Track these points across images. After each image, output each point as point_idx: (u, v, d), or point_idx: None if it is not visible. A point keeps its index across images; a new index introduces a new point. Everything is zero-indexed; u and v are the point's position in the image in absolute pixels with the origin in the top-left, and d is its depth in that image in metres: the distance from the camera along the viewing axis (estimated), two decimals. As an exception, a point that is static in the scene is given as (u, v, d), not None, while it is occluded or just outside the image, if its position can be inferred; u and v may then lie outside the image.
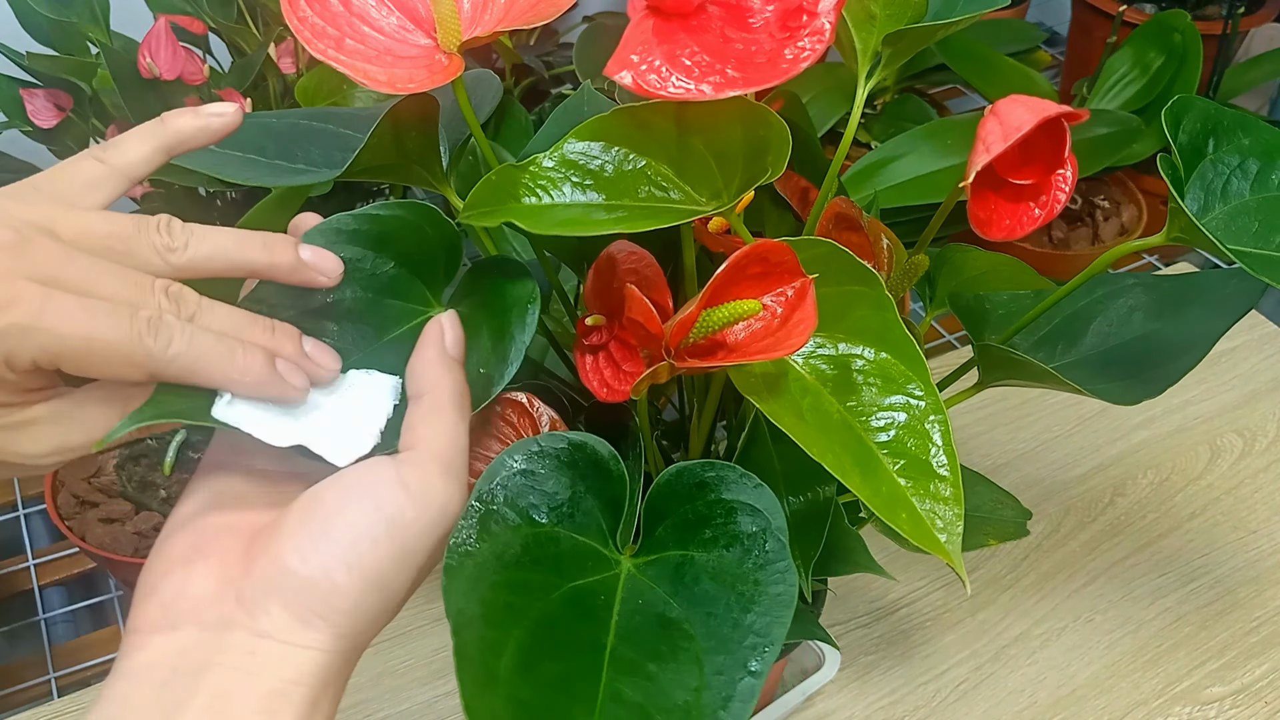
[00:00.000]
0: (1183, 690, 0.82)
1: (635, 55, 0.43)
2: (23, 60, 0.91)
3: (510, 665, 0.38)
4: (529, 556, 0.42)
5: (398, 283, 0.48)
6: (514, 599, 0.40)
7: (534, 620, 0.40)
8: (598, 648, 0.40)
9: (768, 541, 0.42)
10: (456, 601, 0.39)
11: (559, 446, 0.44)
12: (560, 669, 0.39)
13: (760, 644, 0.39)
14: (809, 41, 0.42)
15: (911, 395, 0.42)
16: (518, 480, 0.43)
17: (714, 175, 0.45)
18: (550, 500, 0.43)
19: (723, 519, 0.43)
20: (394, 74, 0.45)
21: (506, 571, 0.41)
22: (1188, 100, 0.48)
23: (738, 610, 0.40)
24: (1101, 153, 1.20)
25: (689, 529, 0.43)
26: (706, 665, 0.39)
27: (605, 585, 0.42)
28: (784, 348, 0.40)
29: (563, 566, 0.42)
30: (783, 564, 0.41)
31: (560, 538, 0.43)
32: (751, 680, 0.39)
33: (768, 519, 0.42)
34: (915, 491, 0.40)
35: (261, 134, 0.54)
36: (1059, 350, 0.60)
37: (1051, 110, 0.45)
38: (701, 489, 0.44)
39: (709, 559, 0.42)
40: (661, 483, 0.45)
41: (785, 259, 0.41)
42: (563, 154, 0.46)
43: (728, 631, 0.40)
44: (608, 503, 0.44)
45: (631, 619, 0.41)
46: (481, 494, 0.42)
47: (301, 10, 0.46)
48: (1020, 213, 0.48)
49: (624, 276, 0.50)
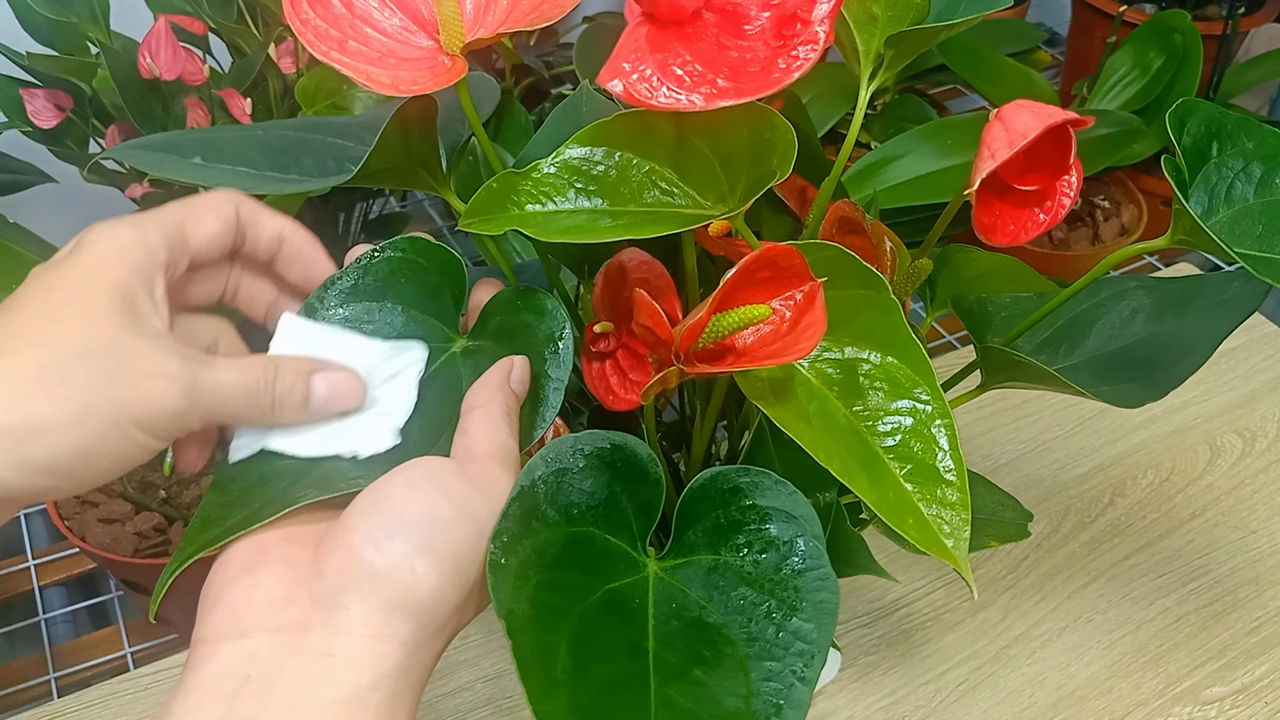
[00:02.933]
0: (1183, 690, 0.82)
1: (627, 64, 0.43)
2: (23, 60, 0.91)
3: (566, 669, 0.38)
4: (568, 556, 0.41)
5: (411, 327, 0.48)
6: (558, 600, 0.40)
7: (577, 622, 0.40)
8: (640, 652, 0.40)
9: (805, 548, 0.42)
10: (506, 601, 0.39)
11: (599, 445, 0.44)
12: (609, 673, 0.39)
13: (808, 650, 0.40)
14: (803, 50, 0.42)
15: (918, 400, 0.42)
16: (556, 477, 0.43)
17: (718, 179, 0.45)
18: (588, 499, 0.43)
19: (756, 525, 0.43)
20: (397, 76, 0.45)
21: (548, 571, 0.40)
22: (1192, 103, 0.48)
23: (780, 617, 0.40)
24: (1102, 153, 1.20)
25: (721, 534, 0.43)
26: (753, 672, 0.39)
27: (637, 588, 0.42)
28: (793, 352, 0.40)
29: (598, 567, 0.42)
30: (823, 570, 0.41)
31: (595, 538, 0.42)
32: (802, 688, 0.39)
33: (804, 526, 0.42)
34: (922, 496, 0.40)
35: (249, 146, 0.53)
36: (1062, 352, 0.60)
37: (1058, 117, 0.45)
38: (735, 494, 0.44)
39: (743, 564, 0.42)
40: (694, 487, 0.45)
41: (794, 263, 0.41)
42: (564, 160, 0.46)
43: (772, 638, 0.40)
44: (641, 506, 0.44)
45: (667, 623, 0.41)
46: (523, 489, 0.42)
47: (304, 12, 0.46)
48: (1025, 218, 0.48)
49: (635, 285, 0.50)
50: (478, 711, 0.80)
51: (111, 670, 0.95)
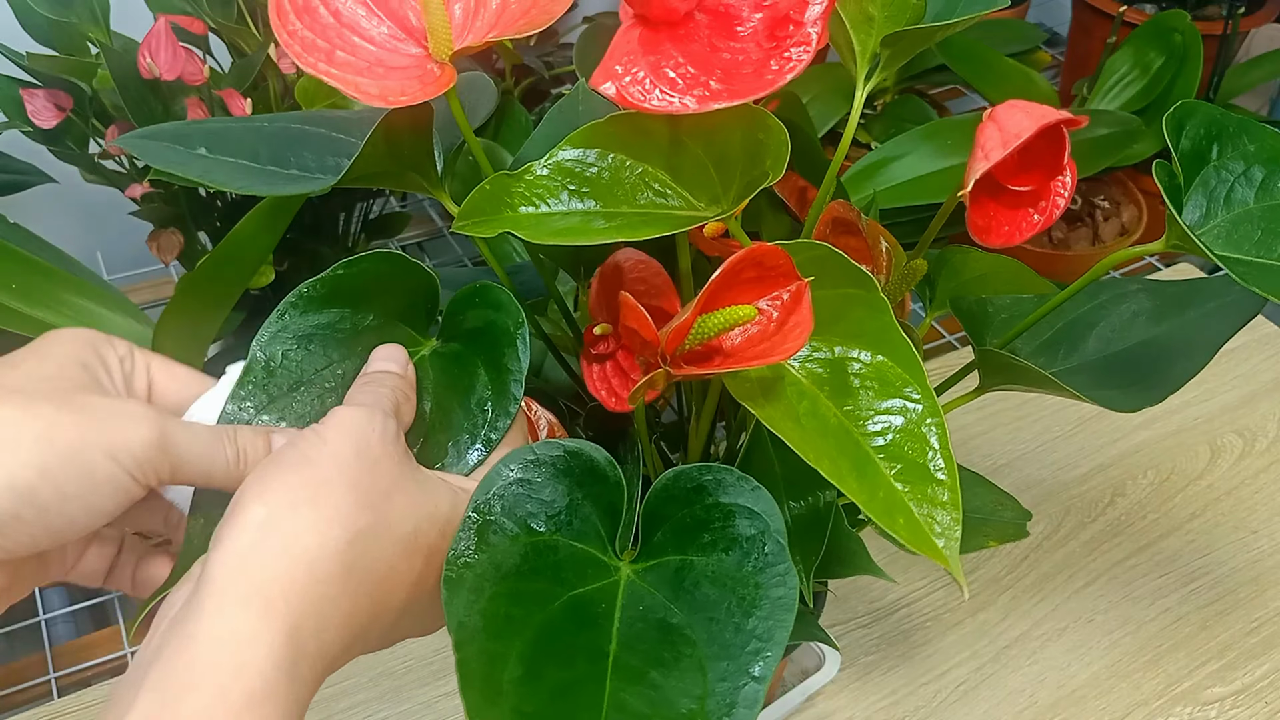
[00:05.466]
0: (1183, 691, 0.82)
1: (619, 66, 0.43)
2: (23, 60, 0.91)
3: (514, 677, 0.38)
4: (528, 566, 0.41)
5: (382, 333, 0.48)
6: (514, 610, 0.40)
7: (535, 630, 0.40)
8: (600, 656, 0.40)
9: (767, 544, 0.41)
10: (458, 615, 0.39)
11: (555, 454, 0.44)
12: (563, 679, 0.39)
13: (763, 649, 0.39)
14: (795, 52, 0.42)
15: (909, 399, 0.42)
16: (514, 489, 0.43)
17: (712, 180, 0.45)
18: (548, 509, 0.43)
19: (721, 523, 0.43)
20: (385, 86, 0.45)
21: (506, 582, 0.40)
22: (1191, 105, 0.48)
23: (739, 615, 0.40)
24: (1101, 153, 1.20)
25: (687, 533, 0.43)
26: (710, 672, 0.39)
27: (605, 592, 0.42)
28: (780, 353, 0.39)
29: (562, 575, 0.42)
30: (783, 566, 0.41)
31: (559, 546, 0.42)
32: (755, 686, 0.38)
33: (766, 522, 0.42)
34: (912, 496, 0.40)
35: (253, 138, 0.53)
36: (1061, 355, 0.60)
37: (1051, 117, 0.44)
38: (699, 492, 0.44)
39: (708, 563, 0.42)
40: (659, 487, 0.45)
41: (780, 263, 0.41)
42: (557, 162, 0.46)
43: (730, 637, 0.40)
44: (605, 509, 0.44)
45: (633, 626, 0.41)
46: (479, 504, 0.42)
47: (291, 23, 0.45)
48: (1019, 219, 0.47)
49: (632, 285, 0.50)
50: (476, 712, 0.80)
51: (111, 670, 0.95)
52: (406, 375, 0.46)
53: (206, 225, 1.02)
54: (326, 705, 0.81)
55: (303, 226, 1.06)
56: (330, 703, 0.81)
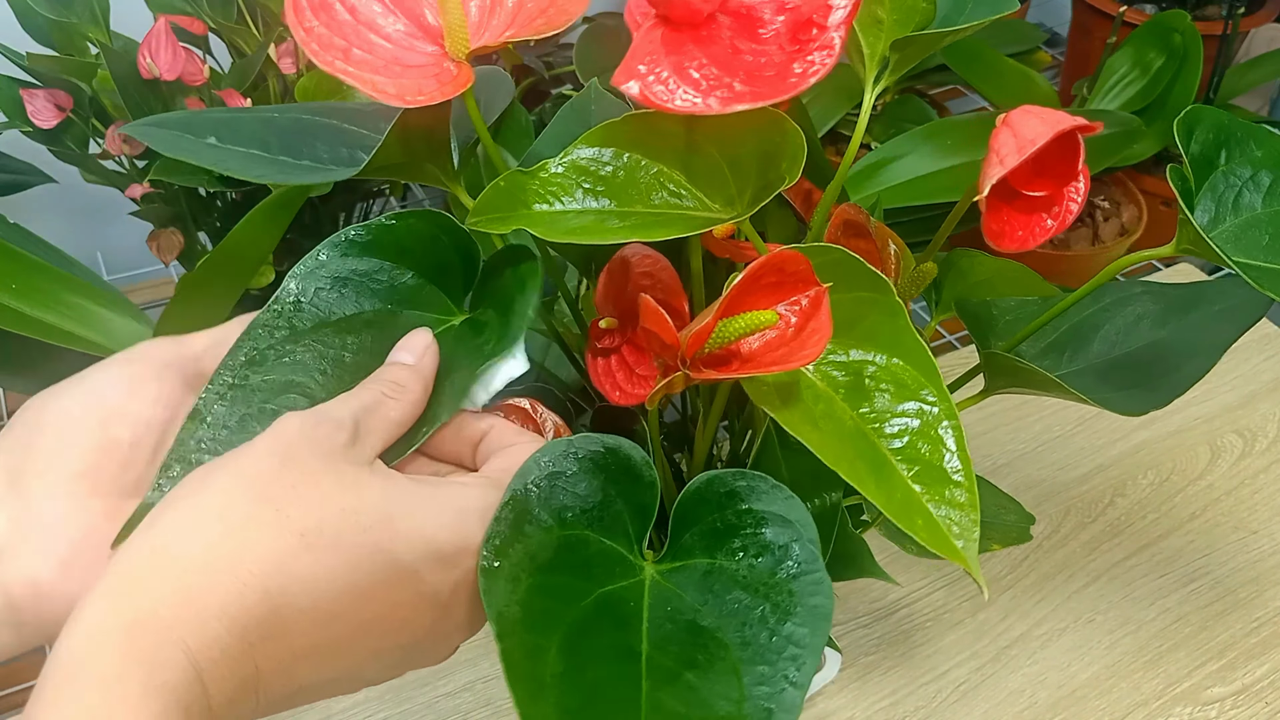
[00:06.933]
0: (1183, 691, 0.82)
1: (643, 66, 0.42)
2: (23, 60, 0.91)
3: (555, 672, 0.38)
4: (560, 559, 0.41)
5: (418, 293, 0.47)
6: (550, 603, 0.40)
7: (570, 626, 0.40)
8: (633, 656, 0.40)
9: (800, 552, 0.41)
10: (497, 604, 0.39)
11: (593, 449, 0.44)
12: (600, 677, 0.39)
13: (800, 655, 0.39)
14: (818, 56, 0.42)
15: (924, 401, 0.42)
16: (550, 481, 0.43)
17: (727, 182, 0.45)
18: (582, 502, 0.43)
19: (752, 529, 0.43)
20: (403, 85, 0.45)
21: (541, 574, 0.40)
22: (1200, 110, 0.48)
23: (774, 621, 0.40)
24: (1102, 153, 1.20)
25: (717, 537, 0.43)
26: (745, 676, 0.39)
27: (632, 591, 0.42)
28: (798, 358, 0.40)
29: (592, 571, 0.42)
30: (818, 574, 0.41)
31: (589, 541, 0.42)
32: (794, 692, 0.38)
33: (799, 530, 0.42)
34: (930, 497, 0.40)
35: (263, 128, 0.53)
36: (1065, 358, 0.60)
37: (1066, 123, 0.44)
38: (731, 498, 0.44)
39: (739, 568, 0.42)
40: (691, 490, 0.45)
41: (800, 268, 0.41)
42: (573, 160, 0.46)
43: (765, 642, 0.40)
44: (636, 508, 0.44)
45: (662, 626, 0.41)
46: (516, 493, 0.42)
47: (307, 21, 0.45)
48: (1033, 224, 0.48)
49: (638, 280, 0.50)
50: (478, 712, 0.80)
51: (112, 670, 0.94)
52: (419, 364, 0.45)
53: (206, 225, 1.02)
54: (326, 705, 0.81)
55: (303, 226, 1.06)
56: (330, 702, 0.81)
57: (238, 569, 0.36)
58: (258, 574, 0.36)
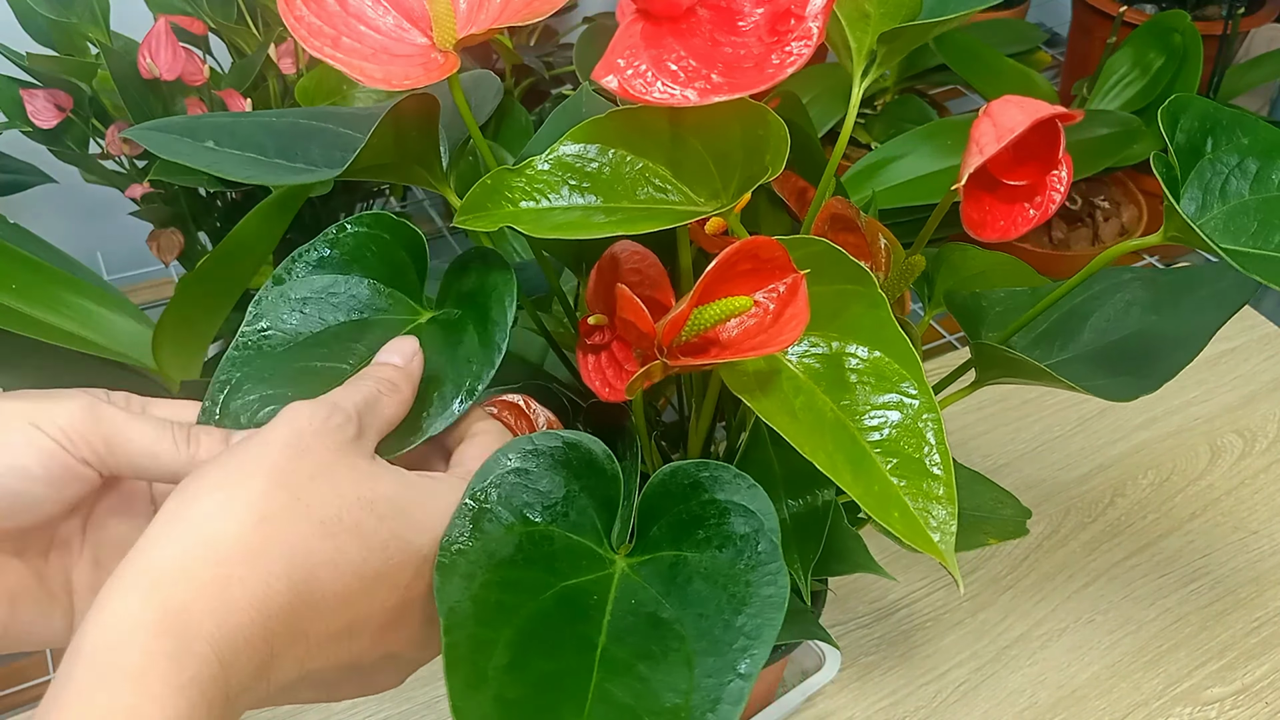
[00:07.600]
0: (1183, 691, 0.82)
1: (622, 59, 0.43)
2: (23, 60, 0.92)
3: (500, 665, 0.38)
4: (522, 555, 0.41)
5: (377, 298, 0.48)
6: (505, 597, 0.40)
7: (525, 619, 0.40)
8: (589, 647, 0.40)
9: (760, 543, 0.41)
10: (449, 599, 0.39)
11: (553, 445, 0.44)
12: (550, 668, 0.39)
13: (750, 646, 0.39)
14: (796, 46, 0.42)
15: (905, 394, 0.42)
16: (511, 479, 0.43)
17: (712, 175, 0.45)
18: (544, 499, 0.43)
19: (716, 519, 0.43)
20: (390, 71, 0.45)
21: (499, 570, 0.41)
22: (1185, 99, 0.48)
23: (729, 612, 0.40)
24: (1102, 153, 1.20)
25: (682, 529, 0.43)
26: (697, 667, 0.39)
27: (599, 585, 0.42)
28: (776, 344, 0.39)
29: (556, 565, 0.42)
30: (774, 565, 0.41)
31: (554, 536, 0.42)
32: (740, 683, 0.38)
33: (761, 520, 0.42)
34: (908, 490, 0.40)
35: (261, 132, 0.54)
36: (1056, 347, 0.60)
37: (1045, 111, 0.44)
38: (695, 489, 0.44)
39: (701, 559, 0.42)
40: (655, 482, 0.45)
41: (775, 255, 0.41)
42: (558, 157, 0.46)
43: (719, 633, 0.40)
44: (602, 502, 0.44)
45: (624, 619, 0.41)
46: (475, 492, 0.42)
47: (298, 9, 0.46)
48: (1015, 214, 0.48)
49: (627, 276, 0.50)
50: (475, 711, 0.80)
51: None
52: (408, 366, 0.46)
53: (206, 225, 1.02)
54: (327, 705, 0.81)
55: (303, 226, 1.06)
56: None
57: (266, 560, 0.37)
58: (284, 563, 0.37)
